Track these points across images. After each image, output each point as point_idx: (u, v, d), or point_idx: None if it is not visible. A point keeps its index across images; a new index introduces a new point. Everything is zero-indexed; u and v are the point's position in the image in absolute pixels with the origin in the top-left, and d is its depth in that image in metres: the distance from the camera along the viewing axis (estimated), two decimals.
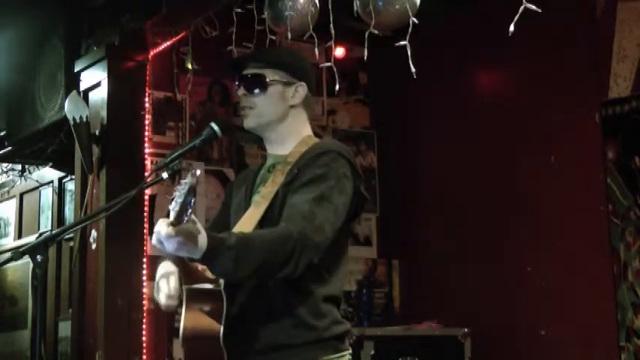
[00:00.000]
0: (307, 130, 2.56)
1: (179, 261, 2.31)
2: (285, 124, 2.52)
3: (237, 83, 2.53)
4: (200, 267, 2.25)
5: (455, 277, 5.12)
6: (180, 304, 2.34)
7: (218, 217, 2.65)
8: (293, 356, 2.30)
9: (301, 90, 2.53)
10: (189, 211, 1.95)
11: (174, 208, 1.95)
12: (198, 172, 1.98)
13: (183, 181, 1.96)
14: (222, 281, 2.24)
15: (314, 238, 2.22)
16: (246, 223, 2.35)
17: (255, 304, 2.32)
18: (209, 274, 2.24)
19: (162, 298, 2.35)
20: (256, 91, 2.49)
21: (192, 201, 1.93)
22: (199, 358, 2.31)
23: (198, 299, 2.29)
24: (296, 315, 2.31)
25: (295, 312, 2.31)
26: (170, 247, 2.01)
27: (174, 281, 2.34)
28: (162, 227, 1.99)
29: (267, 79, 2.49)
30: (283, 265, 2.17)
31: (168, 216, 2.00)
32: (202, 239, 2.04)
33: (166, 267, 2.39)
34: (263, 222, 2.36)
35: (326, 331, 2.33)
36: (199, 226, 2.04)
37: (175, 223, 1.96)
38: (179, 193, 1.95)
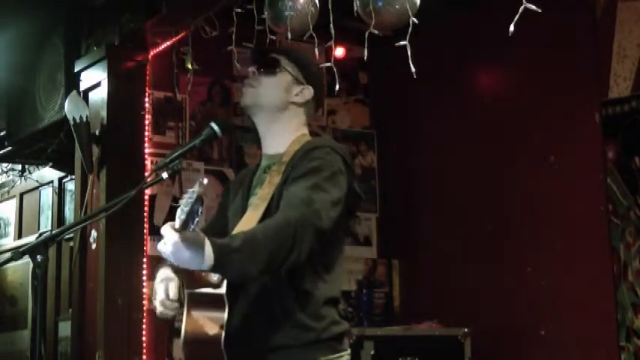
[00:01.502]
0: (303, 131, 2.55)
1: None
2: (280, 118, 2.51)
3: (251, 62, 2.53)
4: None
5: (455, 277, 5.12)
6: (180, 310, 2.33)
7: (215, 219, 2.66)
8: (291, 357, 2.29)
9: (307, 92, 2.54)
10: (196, 219, 1.94)
11: (180, 215, 1.94)
12: (206, 180, 1.97)
13: (190, 190, 1.95)
14: (224, 285, 2.23)
15: (313, 221, 2.19)
16: (245, 226, 2.33)
17: (256, 309, 2.31)
18: (211, 279, 2.23)
19: (157, 305, 2.34)
20: (267, 70, 2.50)
21: (200, 210, 1.93)
22: None
23: (200, 303, 2.28)
24: (295, 318, 2.30)
25: (295, 315, 2.30)
26: (173, 250, 1.99)
27: (173, 288, 2.31)
28: (167, 231, 1.99)
29: (281, 64, 2.51)
30: (289, 253, 2.14)
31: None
32: (208, 250, 2.01)
33: (165, 273, 2.37)
34: None
35: (324, 331, 2.32)
36: (207, 242, 2.02)
37: (180, 230, 1.96)
38: (185, 202, 1.94)
